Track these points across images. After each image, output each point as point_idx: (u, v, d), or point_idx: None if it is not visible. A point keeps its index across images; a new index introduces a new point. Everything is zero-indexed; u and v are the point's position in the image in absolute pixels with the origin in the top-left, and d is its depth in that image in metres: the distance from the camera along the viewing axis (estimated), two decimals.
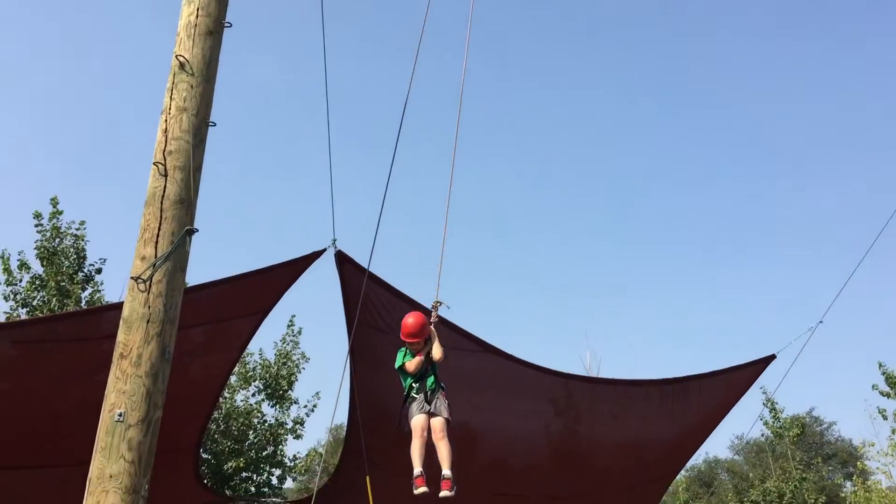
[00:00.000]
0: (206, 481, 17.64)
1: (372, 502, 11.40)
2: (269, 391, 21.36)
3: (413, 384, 6.18)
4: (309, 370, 25.59)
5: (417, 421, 6.08)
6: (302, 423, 21.91)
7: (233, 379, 21.04)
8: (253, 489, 21.19)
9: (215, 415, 19.77)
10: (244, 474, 20.70)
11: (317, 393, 22.42)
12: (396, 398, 10.90)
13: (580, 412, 10.98)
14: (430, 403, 6.08)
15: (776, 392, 15.64)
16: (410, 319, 6.28)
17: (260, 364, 21.68)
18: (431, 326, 6.36)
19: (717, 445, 66.29)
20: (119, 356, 4.92)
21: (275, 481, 21.77)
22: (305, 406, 22.16)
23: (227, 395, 20.62)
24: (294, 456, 22.15)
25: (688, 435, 11.33)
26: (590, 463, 11.99)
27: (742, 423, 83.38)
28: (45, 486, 11.37)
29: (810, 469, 19.86)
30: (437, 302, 6.66)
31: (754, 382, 10.32)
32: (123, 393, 4.84)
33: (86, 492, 4.79)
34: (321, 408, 22.65)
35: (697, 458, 55.43)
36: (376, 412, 11.02)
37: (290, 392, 21.70)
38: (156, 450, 5.07)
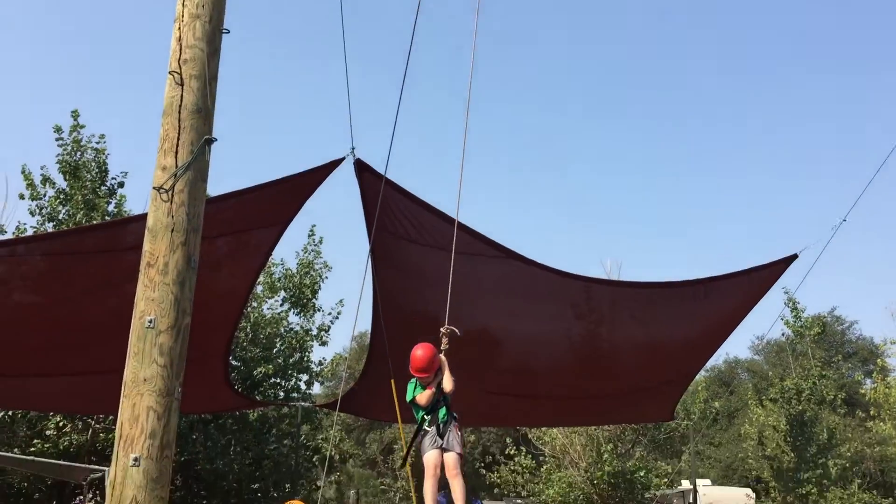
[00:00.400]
0: (236, 387, 18.19)
1: (397, 406, 11.72)
2: (294, 300, 21.72)
3: (425, 416, 5.98)
4: (334, 281, 25.86)
5: (430, 458, 5.86)
6: (327, 331, 22.39)
7: (259, 289, 21.41)
8: (282, 394, 21.81)
9: (243, 323, 20.21)
10: (273, 380, 21.27)
11: (340, 300, 22.82)
12: (420, 303, 11.09)
13: (601, 315, 11.05)
14: (442, 437, 5.87)
15: (797, 291, 15.70)
16: (419, 352, 6.06)
17: (283, 274, 21.98)
18: (441, 356, 6.14)
19: (738, 346, 67.00)
20: (146, 265, 5.01)
21: (302, 386, 22.38)
22: (330, 314, 22.56)
23: (254, 304, 21.01)
24: (320, 362, 22.69)
25: (708, 335, 11.41)
26: (611, 365, 12.14)
27: (763, 325, 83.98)
28: (80, 394, 11.78)
29: (830, 367, 20.07)
30: (447, 329, 6.46)
31: (776, 282, 10.29)
32: (152, 300, 4.95)
33: (121, 395, 4.95)
34: (345, 315, 23.07)
35: (718, 359, 56.17)
36: (400, 317, 11.18)
37: (314, 300, 22.06)
38: (187, 356, 5.21)
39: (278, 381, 21.65)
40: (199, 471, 19.99)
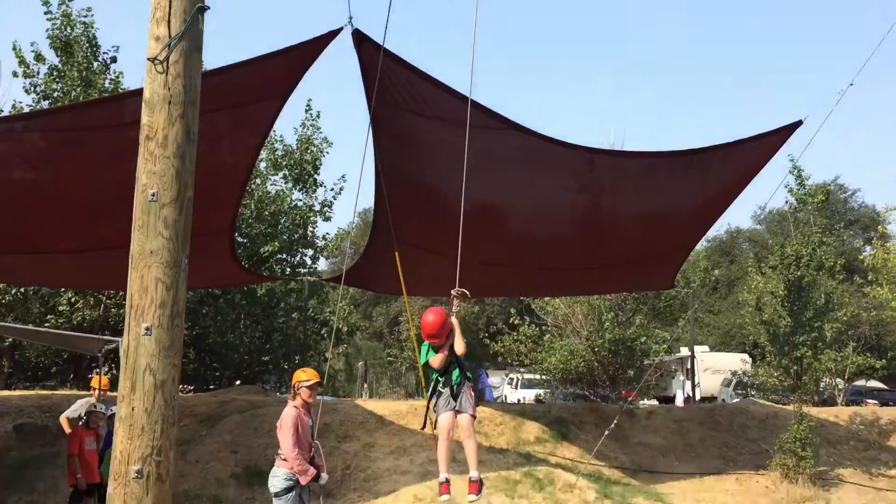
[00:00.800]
0: (243, 263, 18.44)
1: (402, 277, 11.91)
2: (296, 176, 21.70)
3: (439, 378, 6.00)
4: (336, 157, 25.63)
5: (444, 421, 5.92)
6: (330, 206, 22.47)
7: (262, 166, 21.36)
8: (288, 270, 22.13)
9: (248, 201, 20.28)
10: (279, 256, 21.53)
11: (342, 176, 22.84)
12: (422, 174, 11.08)
13: (603, 186, 11.05)
14: (455, 399, 5.91)
15: (801, 157, 15.61)
16: (430, 317, 6.01)
17: (284, 150, 21.87)
18: (452, 318, 6.10)
19: (740, 216, 67.30)
20: (145, 138, 4.98)
21: (308, 262, 22.69)
22: (332, 189, 22.58)
23: (257, 181, 21.01)
24: (324, 237, 22.90)
25: (711, 204, 11.44)
26: (613, 235, 12.25)
27: (766, 196, 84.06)
28: (89, 269, 11.96)
29: (831, 234, 20.20)
30: (458, 291, 6.42)
31: (780, 148, 10.20)
32: (154, 174, 4.94)
33: (129, 267, 5.02)
34: (348, 191, 23.15)
35: (719, 229, 56.47)
36: (403, 190, 11.20)
37: (315, 176, 22.03)
38: (192, 232, 5.25)
39: (284, 257, 21.94)
40: (210, 344, 20.56)
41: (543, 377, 19.91)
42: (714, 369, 30.04)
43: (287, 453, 6.64)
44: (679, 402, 28.47)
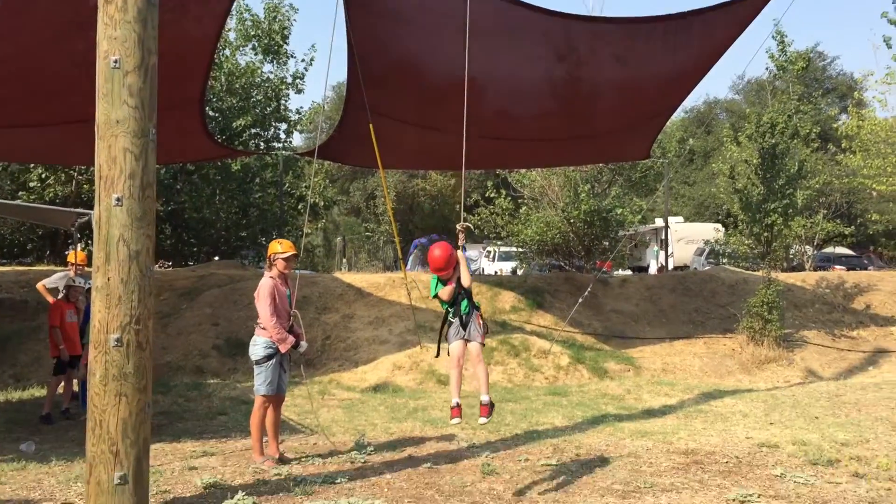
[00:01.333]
0: (217, 138, 18.15)
1: (377, 150, 11.81)
2: (265, 47, 21.09)
3: (449, 309, 6.17)
4: (308, 29, 24.75)
5: (454, 349, 6.08)
6: (302, 78, 21.97)
7: (232, 36, 20.70)
8: (262, 144, 21.85)
9: (218, 73, 19.77)
10: (253, 131, 21.20)
11: (312, 45, 22.30)
12: (397, 44, 10.79)
13: (581, 56, 10.83)
14: (465, 328, 6.09)
15: (783, 19, 15.28)
16: (437, 252, 6.10)
17: (252, 20, 21.15)
18: (459, 252, 6.21)
19: (718, 86, 66.54)
20: (104, 1, 4.78)
21: (282, 136, 22.39)
22: (303, 60, 22.05)
23: (227, 53, 20.42)
24: (297, 111, 22.51)
25: (689, 70, 11.28)
26: (590, 106, 12.13)
27: (745, 66, 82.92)
28: (57, 144, 11.73)
29: (808, 102, 20.13)
30: (464, 225, 6.53)
31: (761, 11, 9.98)
32: (115, 39, 4.78)
33: (96, 137, 4.93)
34: (320, 63, 22.61)
35: (697, 100, 56.03)
36: (377, 62, 10.95)
37: (285, 46, 21.44)
38: (161, 105, 5.13)
39: (258, 131, 21.61)
40: (186, 220, 20.50)
41: (520, 249, 20.15)
42: (688, 239, 30.47)
43: (265, 322, 6.74)
44: (653, 271, 29.04)
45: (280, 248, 7.05)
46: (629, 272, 24.12)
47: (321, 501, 5.51)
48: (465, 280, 6.03)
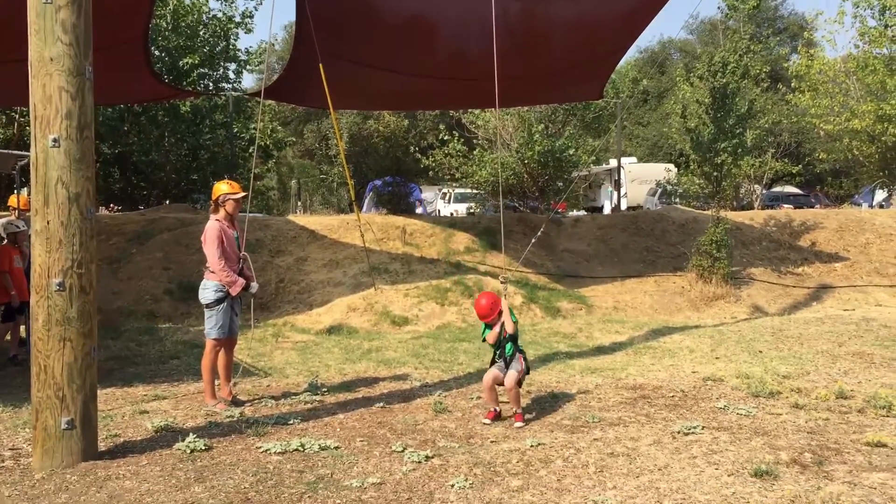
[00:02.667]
0: (164, 78, 17.67)
1: (327, 90, 11.61)
2: None
3: (496, 351, 6.56)
4: None
5: (487, 376, 6.47)
6: (251, 17, 21.40)
7: None
8: (211, 84, 21.32)
9: (162, 12, 19.15)
10: (201, 71, 20.65)
11: None
12: None
13: None
14: (507, 366, 6.46)
15: None
16: (483, 301, 6.53)
17: None
18: (503, 300, 6.53)
19: (671, 27, 66.49)
20: None
21: (231, 76, 21.85)
22: None
23: None
24: (247, 50, 21.95)
25: (643, 7, 11.24)
26: (544, 44, 12.03)
27: (697, 4, 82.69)
28: None
29: (759, 42, 20.23)
30: (505, 277, 6.98)
31: None
32: None
33: (30, 76, 4.76)
34: (270, 1, 21.95)
35: (651, 39, 55.99)
36: (327, 1, 10.69)
37: None
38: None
39: (206, 71, 21.04)
40: (135, 163, 20.05)
41: (475, 191, 20.14)
42: (641, 179, 30.71)
43: (213, 265, 6.66)
44: (607, 211, 29.30)
45: (229, 188, 6.94)
46: (584, 213, 24.31)
47: (273, 442, 5.54)
48: (509, 328, 6.43)
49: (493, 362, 6.58)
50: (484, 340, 6.67)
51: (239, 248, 6.95)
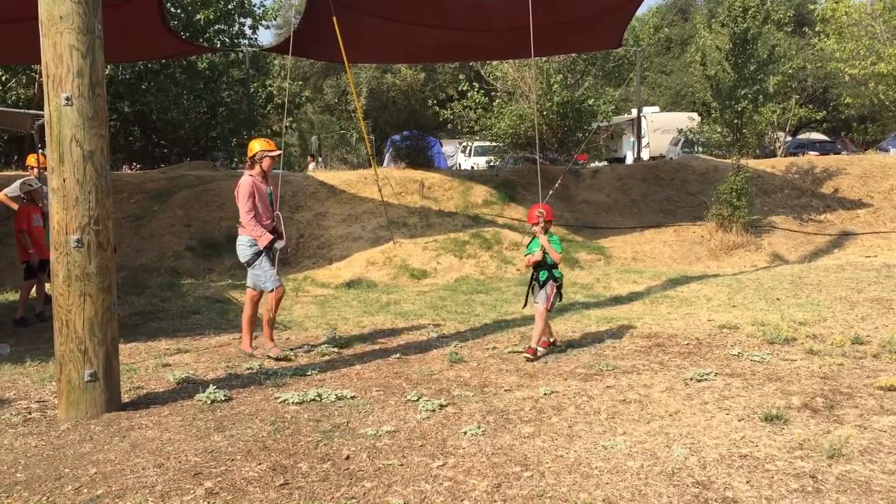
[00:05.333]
0: (180, 34, 17.64)
1: (341, 43, 11.56)
2: None
3: (532, 275, 7.09)
4: None
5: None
6: None
7: None
8: (227, 41, 21.26)
9: None
10: (216, 27, 20.59)
11: None
12: None
13: None
14: (535, 293, 7.00)
15: None
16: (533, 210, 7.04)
17: None
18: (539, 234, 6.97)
19: None
20: None
21: (248, 31, 21.79)
22: None
23: None
24: (261, 4, 21.80)
25: None
26: None
27: None
28: (11, 41, 11.38)
29: None
30: (540, 213, 7.03)
31: None
32: None
33: (41, 35, 4.80)
34: None
35: None
36: None
37: None
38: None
39: (222, 27, 20.99)
40: (154, 121, 20.14)
41: (494, 143, 20.04)
42: (664, 129, 30.34)
43: (243, 219, 6.76)
44: (629, 162, 29.05)
45: (266, 145, 7.02)
46: (605, 163, 24.13)
47: (291, 392, 5.66)
48: (555, 257, 6.92)
49: (530, 283, 7.10)
50: (527, 255, 7.11)
51: (272, 206, 7.03)
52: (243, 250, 6.87)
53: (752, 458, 4.26)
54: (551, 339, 7.05)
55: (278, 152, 7.03)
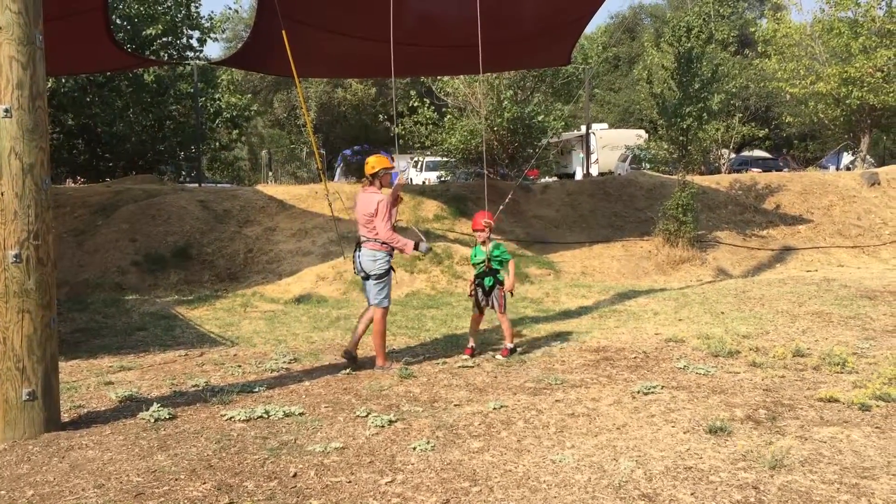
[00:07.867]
0: (126, 47, 17.37)
1: (291, 58, 11.50)
2: None
3: (476, 280, 7.42)
4: None
5: (475, 314, 7.51)
6: None
7: None
8: (175, 54, 21.02)
9: None
10: (164, 40, 20.35)
11: None
12: None
13: None
14: (487, 297, 7.36)
15: None
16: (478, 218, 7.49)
17: None
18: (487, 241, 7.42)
19: None
20: None
21: (195, 45, 21.54)
22: None
23: None
24: (210, 17, 21.63)
25: None
26: (513, 8, 12.00)
27: None
28: None
29: (728, 6, 20.31)
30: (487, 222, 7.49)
31: None
32: None
33: None
34: None
35: (622, 5, 55.68)
36: None
37: None
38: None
39: (169, 40, 20.75)
40: (100, 134, 19.78)
41: (445, 158, 20.11)
42: (612, 145, 30.83)
43: (387, 238, 6.81)
44: (579, 178, 29.39)
45: (386, 163, 7.05)
46: (555, 179, 24.38)
47: (238, 409, 5.58)
48: (508, 284, 7.35)
49: (476, 283, 7.36)
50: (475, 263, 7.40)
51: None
52: (381, 264, 6.89)
53: (697, 469, 4.32)
54: (472, 346, 7.43)
55: (394, 167, 7.28)
